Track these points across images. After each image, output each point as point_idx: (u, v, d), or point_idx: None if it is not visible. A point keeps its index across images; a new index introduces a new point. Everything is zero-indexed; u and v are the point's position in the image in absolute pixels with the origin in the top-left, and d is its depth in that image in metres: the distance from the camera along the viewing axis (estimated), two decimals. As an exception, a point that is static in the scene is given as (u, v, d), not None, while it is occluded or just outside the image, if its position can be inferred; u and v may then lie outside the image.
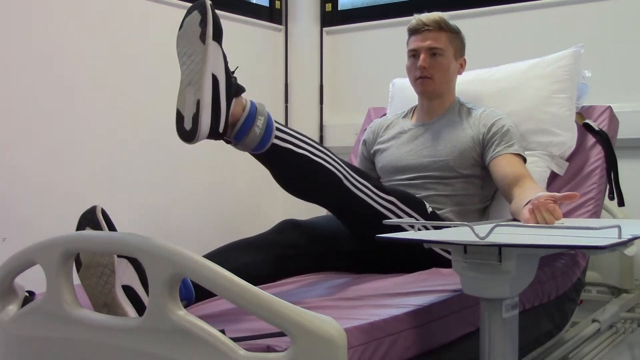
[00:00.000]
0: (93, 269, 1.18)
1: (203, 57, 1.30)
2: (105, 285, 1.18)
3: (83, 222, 1.24)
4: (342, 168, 1.55)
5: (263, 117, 1.41)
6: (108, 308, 1.17)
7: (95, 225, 1.23)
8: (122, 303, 1.17)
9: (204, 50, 1.30)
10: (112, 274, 1.18)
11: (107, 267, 1.18)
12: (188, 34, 1.33)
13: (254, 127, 1.39)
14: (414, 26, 1.96)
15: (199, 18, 1.32)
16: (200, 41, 1.31)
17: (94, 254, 1.18)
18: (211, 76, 1.31)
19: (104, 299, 1.18)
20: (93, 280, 1.18)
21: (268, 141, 1.41)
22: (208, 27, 1.31)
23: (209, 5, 1.32)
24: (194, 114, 1.28)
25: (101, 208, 1.25)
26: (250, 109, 1.40)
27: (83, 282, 1.20)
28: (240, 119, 1.38)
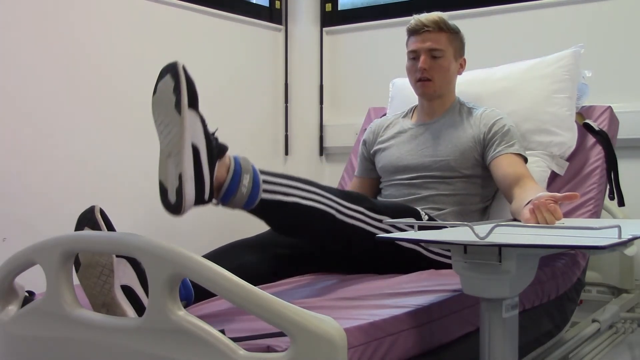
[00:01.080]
0: (92, 268, 1.18)
1: (180, 129, 1.24)
2: (104, 285, 1.18)
3: (82, 222, 1.24)
4: (332, 202, 1.51)
5: (249, 175, 1.37)
6: (107, 308, 1.17)
7: (93, 225, 1.22)
8: (121, 303, 1.17)
9: (181, 121, 1.23)
10: (111, 273, 1.18)
11: (105, 267, 1.18)
12: (163, 101, 1.27)
13: (240, 187, 1.35)
14: (413, 27, 1.95)
15: (172, 84, 1.25)
16: (176, 111, 1.24)
17: (93, 254, 1.18)
18: (191, 147, 1.25)
19: (103, 299, 1.17)
20: (92, 280, 1.18)
21: (256, 198, 1.37)
22: (182, 95, 1.24)
23: (181, 68, 1.26)
24: (177, 187, 1.23)
25: (99, 208, 1.25)
26: (234, 168, 1.35)
27: (82, 282, 1.20)
28: (226, 182, 1.34)
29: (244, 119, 2.87)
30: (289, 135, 3.05)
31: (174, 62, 1.26)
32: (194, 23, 2.62)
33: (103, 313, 1.16)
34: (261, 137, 2.96)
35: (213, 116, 2.84)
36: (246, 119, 2.88)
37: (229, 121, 2.78)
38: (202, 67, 2.66)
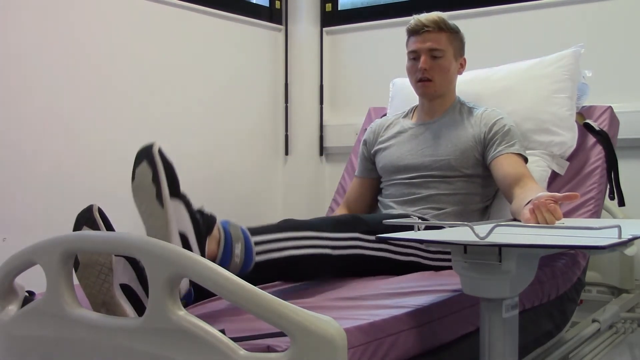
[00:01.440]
0: (91, 268, 1.18)
1: (165, 220, 1.21)
2: (103, 284, 1.17)
3: (80, 221, 1.24)
4: (326, 241, 1.50)
5: (240, 243, 1.34)
6: (107, 307, 1.16)
7: (92, 224, 1.22)
8: (120, 302, 1.17)
9: (164, 213, 1.20)
10: (110, 272, 1.17)
11: (104, 266, 1.18)
12: (143, 191, 1.23)
13: (234, 258, 1.33)
14: (413, 27, 1.95)
15: (150, 173, 1.20)
16: (158, 203, 1.20)
17: (92, 253, 1.18)
18: (178, 235, 1.23)
19: (102, 298, 1.17)
20: (91, 279, 1.18)
21: (250, 264, 1.36)
22: (162, 186, 1.20)
23: (157, 154, 1.20)
24: None
25: (97, 207, 1.25)
26: (225, 241, 1.32)
27: (81, 281, 1.19)
28: (218, 257, 1.31)
29: (244, 119, 2.87)
30: (289, 135, 3.05)
31: (149, 145, 1.21)
32: (194, 23, 2.62)
33: (103, 312, 1.16)
34: (261, 137, 2.96)
35: (213, 116, 2.86)
36: (246, 119, 2.88)
37: (229, 121, 2.78)
38: (202, 67, 2.67)
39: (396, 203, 1.96)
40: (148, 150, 1.21)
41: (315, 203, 2.95)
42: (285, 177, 3.05)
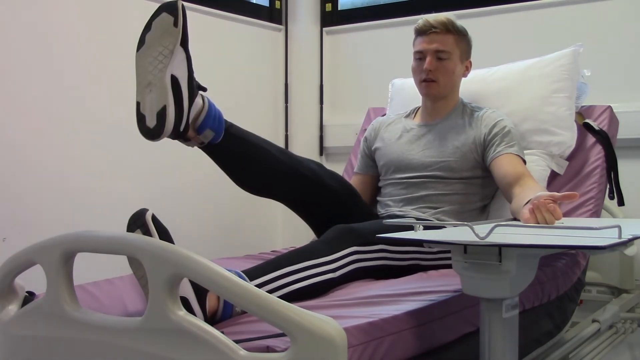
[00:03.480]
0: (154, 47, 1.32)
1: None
2: (158, 64, 1.31)
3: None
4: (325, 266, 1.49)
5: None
6: (151, 88, 1.27)
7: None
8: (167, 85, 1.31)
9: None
10: (170, 54, 1.32)
11: (167, 48, 1.32)
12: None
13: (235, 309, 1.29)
14: (421, 27, 1.94)
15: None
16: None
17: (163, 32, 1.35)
18: None
19: (152, 78, 1.30)
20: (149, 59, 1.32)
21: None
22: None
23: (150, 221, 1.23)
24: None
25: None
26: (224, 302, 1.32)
27: (139, 60, 1.34)
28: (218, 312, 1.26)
29: (243, 119, 2.84)
30: (289, 135, 3.05)
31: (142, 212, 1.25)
32: (193, 23, 2.60)
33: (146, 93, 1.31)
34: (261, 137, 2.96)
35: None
36: (246, 119, 2.85)
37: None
38: (201, 67, 2.66)
39: (394, 202, 1.96)
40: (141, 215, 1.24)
41: (315, 203, 2.95)
42: (285, 177, 3.05)
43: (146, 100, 1.37)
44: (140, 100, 1.39)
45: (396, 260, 1.65)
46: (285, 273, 1.42)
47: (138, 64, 1.41)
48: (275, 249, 2.21)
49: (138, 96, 1.39)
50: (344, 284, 1.54)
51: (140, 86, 1.39)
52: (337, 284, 1.51)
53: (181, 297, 1.16)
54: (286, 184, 1.71)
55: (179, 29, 1.39)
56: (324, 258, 1.49)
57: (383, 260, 1.62)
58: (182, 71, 1.41)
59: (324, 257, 1.49)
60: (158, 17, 1.40)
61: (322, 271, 1.47)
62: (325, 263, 1.49)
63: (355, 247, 1.56)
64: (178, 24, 1.39)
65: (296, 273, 1.43)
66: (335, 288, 1.50)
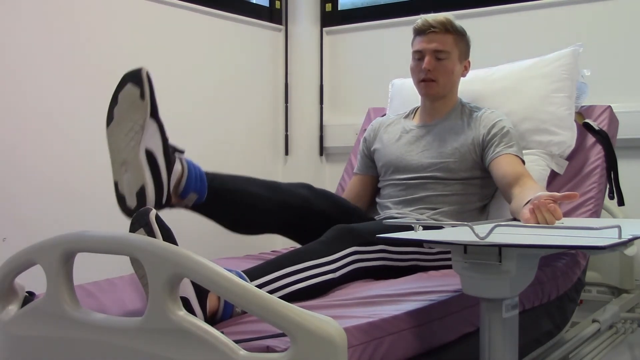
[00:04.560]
0: (124, 123, 1.23)
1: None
2: (130, 141, 1.22)
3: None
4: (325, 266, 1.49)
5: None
6: (126, 167, 1.18)
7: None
8: (141, 163, 1.22)
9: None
10: (141, 130, 1.23)
11: (137, 123, 1.23)
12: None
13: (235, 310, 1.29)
14: (420, 27, 1.94)
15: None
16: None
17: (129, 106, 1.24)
18: None
19: (126, 156, 1.22)
20: (120, 136, 1.23)
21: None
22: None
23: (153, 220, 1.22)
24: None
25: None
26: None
27: (110, 138, 1.26)
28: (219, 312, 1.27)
29: (244, 119, 2.87)
30: (289, 135, 3.05)
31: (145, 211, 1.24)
32: (193, 23, 2.62)
33: (122, 172, 1.23)
34: (261, 137, 2.96)
35: (213, 116, 2.86)
36: (246, 119, 2.88)
37: (229, 121, 2.78)
38: (202, 67, 2.66)
39: (393, 203, 1.95)
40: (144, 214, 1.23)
41: (315, 203, 2.95)
42: (285, 177, 3.04)
43: (123, 180, 1.32)
44: (117, 180, 1.35)
45: (396, 261, 1.65)
46: (286, 273, 1.42)
47: (110, 140, 1.36)
48: (275, 249, 2.20)
49: (115, 175, 1.35)
50: (345, 284, 1.54)
51: (115, 164, 1.33)
52: (338, 284, 1.51)
53: (182, 297, 1.16)
54: (277, 220, 1.69)
55: (146, 101, 1.31)
56: (324, 258, 1.49)
57: (383, 261, 1.62)
58: (156, 142, 1.33)
59: (324, 257, 1.49)
60: (123, 89, 1.34)
61: (322, 271, 1.47)
62: (325, 263, 1.49)
63: (355, 247, 1.56)
64: (145, 95, 1.31)
65: (297, 273, 1.43)
66: (335, 288, 1.50)
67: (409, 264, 1.68)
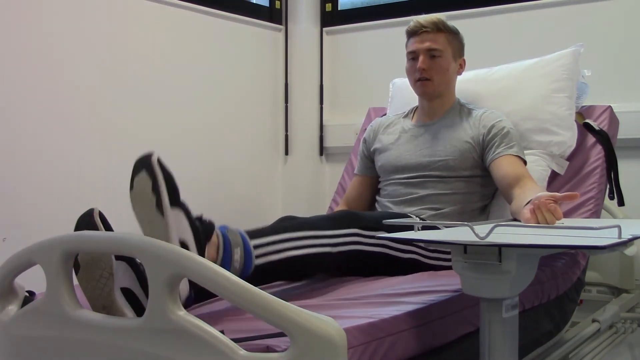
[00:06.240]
0: (91, 272, 1.17)
1: (166, 230, 1.20)
2: (103, 288, 1.16)
3: (81, 225, 1.23)
4: (325, 239, 1.49)
5: (239, 248, 1.34)
6: (107, 310, 1.16)
7: (92, 228, 1.22)
8: (121, 306, 1.16)
9: (165, 222, 1.19)
10: (111, 276, 1.17)
11: (105, 271, 1.17)
12: (143, 200, 1.21)
13: (233, 264, 1.32)
14: (412, 28, 1.96)
15: (149, 183, 1.19)
16: (158, 212, 1.19)
17: (93, 256, 1.17)
18: (179, 243, 1.22)
19: (103, 302, 1.17)
20: (91, 283, 1.17)
21: (250, 268, 1.35)
22: (162, 195, 1.19)
23: (156, 163, 1.19)
24: None
25: (98, 211, 1.24)
26: (224, 246, 1.32)
27: (82, 284, 1.19)
28: (217, 262, 1.29)
29: (244, 119, 2.87)
30: (289, 135, 3.05)
31: (147, 155, 1.20)
32: (193, 23, 2.62)
33: None
34: (261, 137, 2.96)
35: (213, 116, 2.86)
36: (246, 119, 2.88)
37: (229, 121, 2.78)
38: (202, 67, 2.66)
39: (393, 203, 1.96)
40: (146, 159, 1.20)
41: (315, 203, 2.95)
42: (285, 177, 3.05)
43: None
44: None
45: (396, 251, 1.65)
46: (285, 239, 1.42)
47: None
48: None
49: None
50: (341, 264, 1.54)
51: None
52: (334, 261, 1.51)
53: (180, 242, 1.18)
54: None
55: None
56: (325, 231, 1.50)
57: (383, 248, 1.62)
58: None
59: (326, 231, 1.50)
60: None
61: (321, 243, 1.48)
62: (326, 236, 1.49)
63: (358, 229, 1.57)
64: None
65: (295, 240, 1.43)
66: (331, 265, 1.51)
67: (408, 257, 1.68)
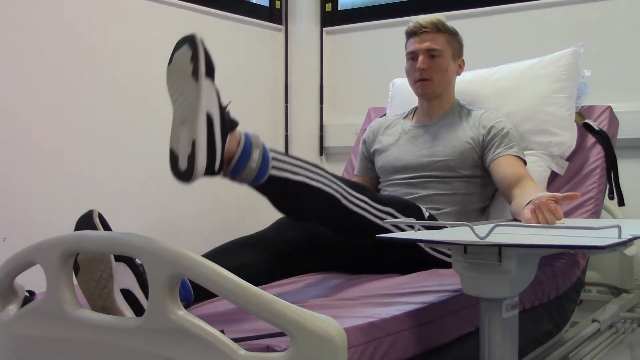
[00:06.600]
0: (91, 273, 1.17)
1: (197, 96, 1.24)
2: (103, 289, 1.17)
3: (80, 226, 1.24)
4: (339, 187, 1.52)
5: (258, 150, 1.38)
6: (107, 311, 1.16)
7: (92, 229, 1.22)
8: (120, 307, 1.17)
9: (197, 88, 1.24)
10: (111, 278, 1.17)
11: (105, 272, 1.17)
12: (179, 70, 1.27)
13: (250, 162, 1.36)
14: (412, 29, 1.96)
15: (189, 53, 1.26)
16: (193, 79, 1.25)
17: (92, 257, 1.17)
18: (205, 115, 1.26)
19: (103, 303, 1.17)
20: (91, 284, 1.17)
21: (265, 174, 1.38)
22: (200, 64, 1.25)
23: (199, 40, 1.26)
24: (189, 154, 1.23)
25: (98, 212, 1.24)
26: (245, 143, 1.37)
27: (81, 286, 1.19)
28: (236, 155, 1.34)
29: (243, 119, 2.84)
30: (289, 135, 3.05)
31: (191, 33, 1.27)
32: (193, 23, 2.62)
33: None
34: (261, 137, 2.95)
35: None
36: (246, 119, 2.86)
37: (229, 121, 2.78)
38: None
39: (394, 203, 1.96)
40: (190, 36, 1.27)
41: (315, 203, 2.95)
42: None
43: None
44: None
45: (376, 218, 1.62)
46: (304, 166, 1.46)
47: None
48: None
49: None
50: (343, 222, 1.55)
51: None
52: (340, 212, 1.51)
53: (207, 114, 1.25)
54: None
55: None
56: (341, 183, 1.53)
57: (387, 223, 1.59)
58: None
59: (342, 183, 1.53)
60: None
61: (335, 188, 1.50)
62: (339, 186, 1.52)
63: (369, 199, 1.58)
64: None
65: (313, 172, 1.47)
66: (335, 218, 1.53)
67: None
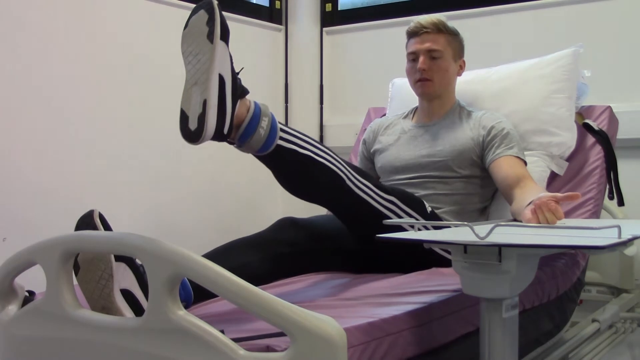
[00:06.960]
0: (91, 273, 1.18)
1: (210, 57, 1.28)
2: (103, 289, 1.17)
3: (81, 227, 1.24)
4: (344, 168, 1.54)
5: (267, 118, 1.41)
6: (107, 311, 1.16)
7: (92, 229, 1.22)
8: (120, 307, 1.17)
9: (212, 49, 1.29)
10: (111, 278, 1.17)
11: (105, 272, 1.17)
12: (194, 33, 1.32)
13: (259, 129, 1.38)
14: (413, 29, 1.96)
15: (205, 17, 1.31)
16: (208, 40, 1.29)
17: (93, 257, 1.17)
18: (218, 76, 1.30)
19: (103, 303, 1.17)
20: (91, 284, 1.18)
21: (272, 142, 1.41)
22: (216, 26, 1.30)
23: (216, 4, 1.32)
24: (199, 114, 1.26)
25: (98, 212, 1.25)
26: (254, 110, 1.39)
27: (81, 285, 1.19)
28: (245, 121, 1.37)
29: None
30: (289, 135, 3.04)
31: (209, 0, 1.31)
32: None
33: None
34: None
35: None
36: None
37: (229, 121, 2.78)
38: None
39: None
40: (207, 1, 1.32)
41: (315, 203, 2.96)
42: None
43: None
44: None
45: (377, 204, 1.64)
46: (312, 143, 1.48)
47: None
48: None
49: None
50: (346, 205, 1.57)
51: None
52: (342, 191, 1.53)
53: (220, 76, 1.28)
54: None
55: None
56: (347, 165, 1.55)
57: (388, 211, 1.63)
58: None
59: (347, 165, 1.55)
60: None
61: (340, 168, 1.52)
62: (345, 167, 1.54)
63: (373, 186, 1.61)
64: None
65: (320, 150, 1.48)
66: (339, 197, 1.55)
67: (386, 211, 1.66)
